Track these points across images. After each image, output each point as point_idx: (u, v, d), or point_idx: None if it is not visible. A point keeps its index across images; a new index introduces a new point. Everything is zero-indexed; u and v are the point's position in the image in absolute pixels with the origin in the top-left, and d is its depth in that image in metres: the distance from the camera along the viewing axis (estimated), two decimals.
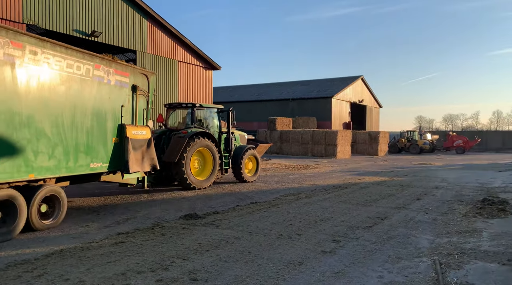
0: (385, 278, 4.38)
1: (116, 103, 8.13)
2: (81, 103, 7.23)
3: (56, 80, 6.69)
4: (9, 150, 5.91)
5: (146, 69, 9.36)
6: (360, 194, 10.85)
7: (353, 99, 43.30)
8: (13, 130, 5.96)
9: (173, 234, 6.29)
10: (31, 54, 6.19)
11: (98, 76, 7.61)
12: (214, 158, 11.77)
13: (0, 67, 5.73)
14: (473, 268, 4.68)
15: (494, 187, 12.65)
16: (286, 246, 5.65)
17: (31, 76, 6.22)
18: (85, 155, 7.35)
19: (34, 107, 6.29)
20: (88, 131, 7.41)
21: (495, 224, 7.05)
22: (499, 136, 50.93)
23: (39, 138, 6.39)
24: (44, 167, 6.50)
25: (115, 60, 8.12)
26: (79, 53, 7.14)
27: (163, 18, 19.79)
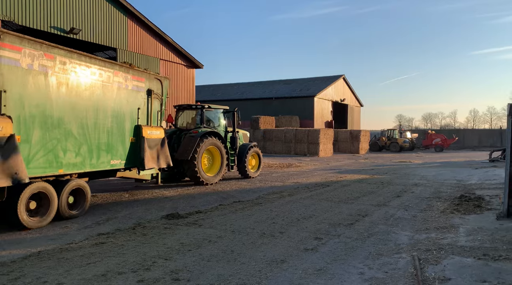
0: (366, 275, 4.45)
1: (133, 106, 9.00)
2: (103, 106, 8.11)
3: (81, 86, 7.59)
4: (43, 148, 6.80)
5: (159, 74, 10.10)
6: (342, 192, 10.99)
7: (335, 98, 43.75)
8: (46, 130, 6.85)
9: (155, 234, 6.23)
10: (61, 64, 7.11)
11: (118, 82, 8.51)
12: (222, 156, 12.67)
13: (36, 76, 6.65)
14: (450, 263, 4.80)
15: (470, 184, 13.00)
16: (269, 244, 5.67)
17: (60, 83, 7.14)
18: (106, 153, 8.23)
19: (63, 110, 7.19)
20: (109, 131, 8.29)
21: (471, 220, 7.25)
22: (476, 134, 52.36)
23: (67, 138, 7.28)
24: (72, 163, 7.40)
25: (132, 67, 9.05)
26: (101, 62, 8.06)
27: (144, 16, 19.54)
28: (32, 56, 6.58)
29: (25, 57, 6.47)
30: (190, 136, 11.96)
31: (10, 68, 6.25)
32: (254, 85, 48.53)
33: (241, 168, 13.97)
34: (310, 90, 41.38)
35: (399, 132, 41.59)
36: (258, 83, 48.77)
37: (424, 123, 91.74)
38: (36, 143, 6.65)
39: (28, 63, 6.54)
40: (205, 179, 12.10)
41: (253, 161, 14.65)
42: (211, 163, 12.71)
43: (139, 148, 8.98)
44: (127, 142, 8.80)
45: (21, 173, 6.03)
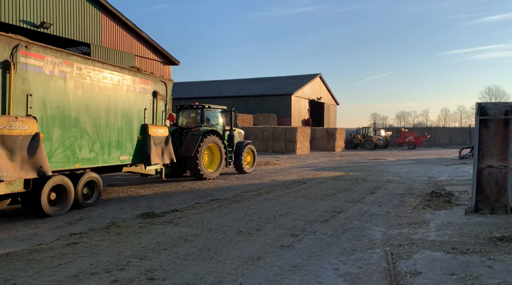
0: (340, 270, 4.53)
1: (140, 106, 9.84)
2: (113, 107, 8.94)
3: (95, 89, 8.42)
4: (62, 145, 7.64)
5: (164, 77, 11.02)
6: (318, 189, 11.13)
7: (311, 96, 44.18)
8: (64, 129, 7.68)
9: (129, 233, 6.13)
10: (77, 69, 7.94)
11: (127, 85, 9.35)
12: (221, 153, 13.65)
13: (56, 81, 7.47)
14: (421, 257, 4.94)
15: (441, 180, 13.43)
16: (245, 242, 5.68)
17: (77, 87, 7.97)
18: (116, 149, 9.08)
19: (79, 111, 8.02)
20: (119, 130, 9.13)
21: (441, 215, 7.49)
22: (447, 132, 54.14)
23: (82, 135, 8.11)
24: (86, 158, 8.24)
25: (140, 71, 9.88)
26: (111, 67, 8.93)
27: (118, 11, 19.11)
28: (53, 63, 7.40)
29: (47, 64, 7.29)
30: (192, 134, 12.88)
31: (35, 74, 7.06)
32: (231, 82, 48.37)
33: (238, 164, 14.89)
34: (287, 88, 41.61)
35: (373, 130, 42.50)
36: (236, 81, 48.63)
37: (398, 121, 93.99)
38: (56, 141, 7.52)
39: (50, 69, 7.35)
40: (206, 174, 13.01)
41: (248, 157, 15.58)
42: (211, 160, 13.63)
43: (145, 145, 9.83)
44: (135, 140, 9.67)
45: (45, 167, 6.84)
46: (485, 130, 7.57)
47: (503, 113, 7.47)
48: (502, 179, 7.46)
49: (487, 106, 7.67)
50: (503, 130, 7.45)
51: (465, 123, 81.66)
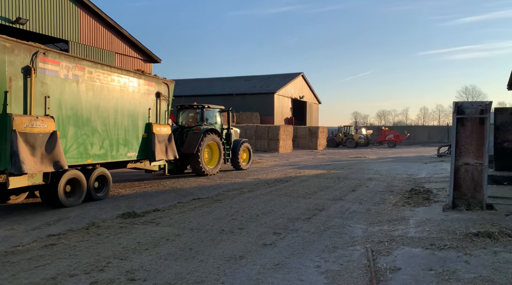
0: (322, 267, 4.57)
1: (145, 106, 10.61)
2: (121, 107, 9.69)
3: (104, 90, 9.16)
4: (76, 142, 8.38)
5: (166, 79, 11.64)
6: (300, 187, 11.20)
7: (294, 95, 44.41)
8: (77, 128, 8.42)
9: (109, 234, 6.02)
10: (88, 73, 8.69)
11: (132, 87, 10.13)
12: (220, 150, 14.48)
13: (70, 83, 8.22)
14: (400, 254, 5.04)
15: (420, 178, 13.72)
16: (228, 241, 5.66)
17: (88, 89, 8.71)
18: (124, 146, 9.82)
19: (90, 111, 8.75)
20: (126, 128, 9.87)
21: (420, 212, 7.65)
22: (426, 131, 55.34)
23: (93, 133, 8.84)
24: (97, 154, 8.96)
25: (144, 73, 10.64)
26: (119, 70, 9.76)
27: (97, 7, 18.73)
28: (67, 67, 8.16)
29: (62, 69, 8.04)
30: (193, 132, 13.63)
31: (52, 78, 7.81)
32: (214, 81, 48.13)
33: (234, 161, 15.66)
34: (270, 87, 41.69)
35: (355, 128, 43.09)
36: (219, 79, 48.42)
37: (378, 120, 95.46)
38: (70, 138, 8.27)
39: (65, 73, 8.11)
40: (206, 170, 13.76)
41: (244, 155, 16.39)
42: (211, 157, 14.43)
43: (150, 142, 10.57)
44: (140, 137, 10.41)
45: (62, 161, 7.58)
46: (462, 128, 7.76)
47: (479, 112, 7.67)
48: (478, 176, 7.67)
49: (464, 105, 7.86)
50: (479, 129, 7.65)
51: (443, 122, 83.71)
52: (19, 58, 7.15)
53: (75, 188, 8.45)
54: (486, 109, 7.64)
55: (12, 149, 6.75)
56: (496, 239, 5.45)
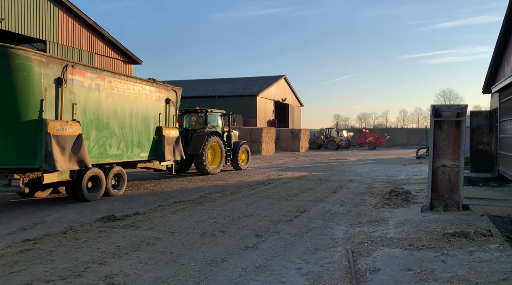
0: (303, 269, 4.59)
1: (156, 111, 11.62)
2: (135, 112, 10.70)
3: (121, 97, 10.14)
4: (97, 144, 9.37)
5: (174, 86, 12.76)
6: (283, 189, 11.24)
7: (276, 97, 44.60)
8: (99, 131, 9.40)
9: (88, 238, 5.90)
10: (108, 82, 9.68)
11: (145, 94, 11.13)
12: (221, 151, 15.56)
13: (93, 92, 9.23)
14: (380, 254, 5.11)
15: (399, 179, 13.98)
16: (209, 244, 5.63)
17: (107, 96, 9.69)
18: (137, 147, 10.83)
19: (109, 115, 9.75)
20: (139, 131, 10.87)
21: (399, 213, 7.79)
22: (405, 133, 56.42)
23: (111, 136, 9.84)
24: (115, 155, 9.97)
25: (155, 82, 11.65)
26: (133, 79, 10.78)
27: (76, 7, 18.37)
28: (91, 78, 9.17)
29: (87, 79, 9.05)
30: (198, 135, 14.73)
31: (78, 87, 8.82)
32: (197, 83, 47.86)
33: (234, 162, 16.78)
34: (253, 89, 41.75)
35: (336, 131, 43.59)
36: (201, 81, 48.20)
37: (359, 122, 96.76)
38: (93, 140, 9.23)
39: (89, 83, 9.11)
40: (210, 170, 14.88)
41: (243, 155, 17.52)
42: (213, 157, 15.48)
43: (160, 144, 11.59)
44: (151, 140, 11.41)
45: (86, 160, 8.58)
46: (439, 131, 7.95)
47: (456, 115, 7.88)
48: (454, 177, 7.87)
49: (441, 108, 8.06)
50: (456, 131, 7.86)
51: (422, 124, 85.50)
52: (53, 70, 8.18)
53: (95, 184, 9.43)
54: (462, 112, 7.85)
55: (47, 149, 7.80)
56: (472, 239, 5.59)
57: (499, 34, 13.12)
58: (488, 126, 15.59)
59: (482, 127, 15.69)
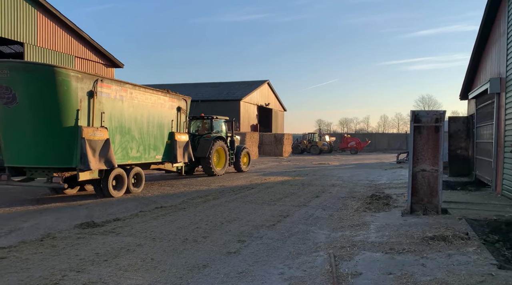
0: (286, 274, 4.59)
1: (169, 118, 13.07)
2: (152, 119, 12.08)
3: (140, 106, 11.54)
4: (121, 147, 10.78)
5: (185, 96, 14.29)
6: (266, 194, 11.24)
7: (260, 102, 44.71)
8: (122, 136, 10.78)
9: (66, 245, 5.75)
10: (129, 93, 11.08)
11: (160, 103, 12.58)
12: (226, 155, 16.94)
13: (117, 102, 10.62)
14: (361, 258, 5.15)
15: (380, 184, 14.17)
16: (191, 250, 5.56)
17: (129, 106, 11.08)
18: (153, 150, 12.23)
19: (130, 122, 11.12)
20: (155, 136, 12.26)
21: (380, 217, 7.88)
22: (386, 138, 57.35)
23: (132, 140, 11.24)
24: (135, 157, 11.36)
25: (169, 92, 13.16)
26: (150, 90, 12.14)
27: (56, 9, 18.03)
28: (116, 90, 10.55)
29: (112, 91, 10.42)
30: (205, 139, 16.01)
31: (106, 98, 10.21)
32: (180, 87, 47.45)
33: (237, 164, 18.09)
34: (236, 94, 41.75)
35: (318, 136, 43.95)
36: (184, 85, 47.89)
37: (341, 127, 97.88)
38: (117, 144, 10.61)
39: (114, 94, 10.48)
40: (216, 171, 16.13)
41: (244, 159, 18.81)
42: (218, 160, 16.74)
43: (172, 147, 13.01)
44: (165, 143, 12.80)
45: (113, 161, 10.03)
46: (418, 136, 8.11)
47: (434, 121, 8.06)
48: (433, 182, 8.03)
49: (420, 114, 8.23)
50: (434, 136, 8.03)
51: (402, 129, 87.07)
52: (86, 84, 9.58)
53: (118, 183, 10.70)
54: (441, 117, 8.04)
55: (82, 152, 9.24)
56: (450, 242, 5.70)
57: (475, 42, 13.53)
58: (466, 131, 16.01)
59: (459, 132, 16.09)
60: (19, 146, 9.36)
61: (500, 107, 11.13)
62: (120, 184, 10.72)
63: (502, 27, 11.08)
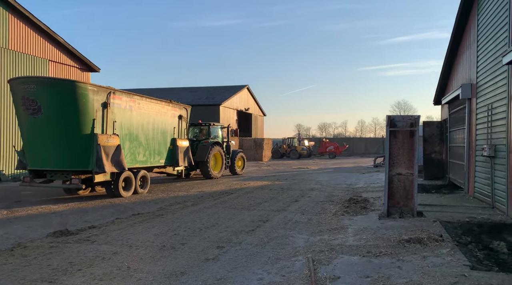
0: (265, 280, 4.57)
1: (171, 126, 14.30)
2: (156, 126, 13.28)
3: (146, 115, 12.73)
4: (129, 152, 11.91)
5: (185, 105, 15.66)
6: (245, 199, 11.20)
7: (239, 107, 44.71)
8: (130, 142, 11.94)
9: (38, 255, 5.55)
10: (137, 103, 12.26)
11: (163, 112, 13.80)
12: (222, 159, 18.19)
13: (127, 112, 11.78)
14: (339, 262, 5.19)
15: (358, 187, 14.38)
16: (169, 257, 5.47)
17: (137, 115, 12.27)
18: (158, 155, 13.42)
19: (138, 130, 12.31)
20: (159, 142, 13.46)
21: (358, 221, 7.99)
22: (363, 142, 58.35)
23: (139, 146, 12.39)
24: (141, 161, 12.54)
25: (171, 102, 14.37)
26: (155, 100, 13.42)
27: (29, 12, 17.51)
28: (126, 101, 11.74)
29: (123, 102, 11.60)
30: (203, 144, 17.25)
31: (117, 108, 11.39)
32: (158, 91, 46.94)
33: (232, 168, 19.42)
34: (215, 99, 41.61)
35: (298, 140, 44.28)
36: (163, 90, 47.38)
37: (320, 132, 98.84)
38: (126, 149, 11.72)
39: (124, 105, 11.66)
40: (213, 174, 17.42)
41: (239, 162, 20.30)
42: (215, 164, 17.93)
43: (174, 152, 14.22)
44: (168, 149, 14.00)
45: (124, 165, 11.17)
46: (394, 140, 8.28)
47: (409, 125, 8.25)
48: (409, 185, 8.20)
49: (396, 118, 8.42)
50: (410, 141, 8.22)
51: (379, 134, 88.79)
52: (101, 97, 10.76)
53: (127, 184, 11.75)
54: (415, 122, 8.24)
55: (98, 156, 10.40)
56: (425, 245, 5.83)
57: (447, 50, 13.98)
58: (439, 135, 16.47)
59: (433, 136, 16.54)
60: (41, 151, 10.62)
61: (471, 112, 11.52)
62: (128, 186, 11.78)
63: (472, 36, 11.49)
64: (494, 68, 9.26)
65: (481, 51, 10.47)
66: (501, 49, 8.69)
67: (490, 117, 9.52)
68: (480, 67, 10.61)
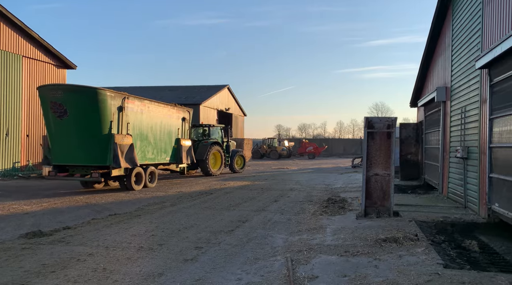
0: (243, 280, 4.56)
1: (176, 127, 15.97)
2: (163, 127, 15.00)
3: (155, 117, 14.47)
4: (140, 150, 13.57)
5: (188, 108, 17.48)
6: (225, 199, 11.16)
7: (220, 107, 44.52)
8: (141, 141, 13.65)
9: (9, 257, 5.36)
10: (147, 106, 14.00)
11: (169, 114, 15.50)
12: (221, 157, 19.63)
13: (139, 114, 13.51)
14: (318, 262, 5.24)
15: (336, 188, 14.55)
16: (146, 258, 5.39)
17: (147, 117, 13.99)
18: (164, 153, 15.13)
19: (147, 130, 14.00)
20: (165, 141, 15.14)
21: (336, 221, 8.08)
22: (341, 143, 59.14)
23: (148, 145, 14.11)
24: (150, 158, 14.26)
25: (176, 105, 16.20)
26: (163, 104, 15.16)
27: (1, 5, 16.94)
28: (137, 104, 13.36)
29: (135, 106, 13.21)
30: (203, 144, 18.69)
31: (131, 111, 12.97)
32: (138, 90, 46.17)
33: (231, 166, 20.83)
34: (195, 98, 41.27)
35: (278, 141, 44.48)
36: (143, 88, 46.66)
37: (300, 133, 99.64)
38: (138, 148, 13.27)
39: (136, 108, 13.26)
40: (212, 172, 18.87)
41: (238, 161, 21.72)
42: (215, 162, 19.40)
43: (179, 151, 15.96)
44: (172, 148, 15.69)
45: (136, 161, 12.78)
46: (372, 142, 8.42)
47: (386, 127, 8.41)
48: (386, 186, 8.36)
49: (373, 120, 8.56)
50: (387, 142, 8.38)
51: (357, 135, 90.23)
52: (117, 102, 12.37)
53: (137, 179, 13.32)
54: (392, 124, 8.40)
55: (114, 153, 11.98)
56: (401, 244, 5.95)
57: (423, 53, 14.33)
58: (415, 137, 16.87)
59: (410, 138, 16.93)
60: (65, 148, 12.21)
61: (446, 114, 11.85)
62: (139, 180, 13.35)
63: (447, 41, 11.82)
64: (467, 72, 9.55)
65: (456, 55, 10.78)
66: (474, 54, 8.97)
67: (464, 120, 9.82)
68: (454, 71, 10.93)
